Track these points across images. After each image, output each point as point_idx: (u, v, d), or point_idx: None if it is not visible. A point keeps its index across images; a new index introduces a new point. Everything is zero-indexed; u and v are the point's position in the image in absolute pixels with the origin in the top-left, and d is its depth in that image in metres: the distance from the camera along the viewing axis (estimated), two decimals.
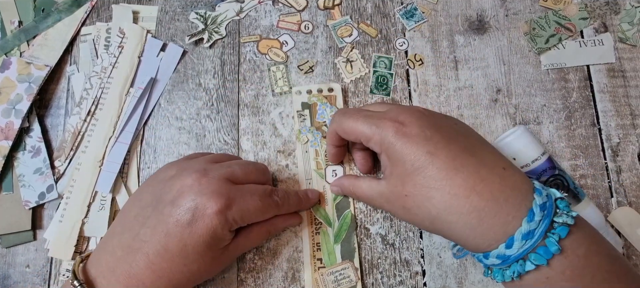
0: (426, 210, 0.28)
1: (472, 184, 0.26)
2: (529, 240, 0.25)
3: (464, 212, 0.26)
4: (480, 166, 0.27)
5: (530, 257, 0.25)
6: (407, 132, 0.28)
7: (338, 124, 0.33)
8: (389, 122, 0.29)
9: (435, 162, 0.27)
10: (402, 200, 0.29)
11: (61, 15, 0.43)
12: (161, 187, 0.31)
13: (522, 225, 0.25)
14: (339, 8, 0.44)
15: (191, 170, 0.31)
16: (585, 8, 0.43)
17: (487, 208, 0.26)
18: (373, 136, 0.30)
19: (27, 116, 0.40)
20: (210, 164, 0.32)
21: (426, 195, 0.27)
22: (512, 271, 0.26)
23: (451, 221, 0.27)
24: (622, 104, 0.40)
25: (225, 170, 0.31)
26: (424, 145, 0.28)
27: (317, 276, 0.36)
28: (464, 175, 0.27)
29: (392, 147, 0.29)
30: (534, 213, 0.25)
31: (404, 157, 0.28)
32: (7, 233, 0.38)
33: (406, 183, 0.28)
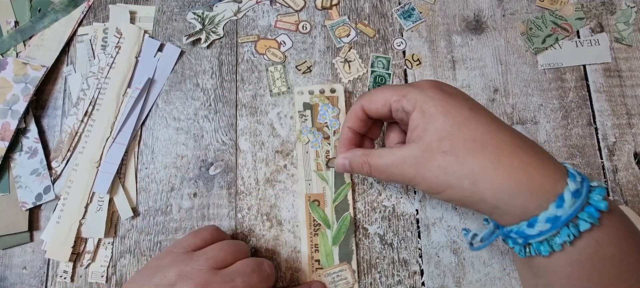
0: (469, 167, 0.26)
1: (517, 142, 0.26)
2: (578, 199, 0.24)
3: (513, 168, 0.25)
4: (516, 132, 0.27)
5: (581, 217, 0.24)
6: (445, 89, 0.28)
7: (366, 98, 0.31)
8: (425, 82, 0.29)
9: (478, 118, 0.26)
10: (438, 158, 0.26)
11: (58, 16, 0.43)
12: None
13: (568, 183, 0.24)
14: (336, 8, 0.44)
15: (192, 283, 0.28)
16: (582, 8, 0.43)
17: (535, 163, 0.25)
18: (407, 94, 0.28)
19: (24, 117, 0.40)
20: (212, 275, 0.29)
21: (471, 148, 0.26)
22: (566, 235, 0.24)
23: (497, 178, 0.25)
24: (618, 103, 0.40)
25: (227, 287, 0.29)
26: (466, 102, 0.27)
27: (315, 277, 0.36)
28: (508, 133, 0.26)
29: (430, 101, 0.27)
30: (575, 174, 0.25)
31: (446, 110, 0.27)
32: (4, 235, 0.38)
33: (445, 139, 0.26)
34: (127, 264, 0.38)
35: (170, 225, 0.38)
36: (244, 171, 0.39)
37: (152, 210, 0.39)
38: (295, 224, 0.38)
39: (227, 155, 0.40)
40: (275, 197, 0.39)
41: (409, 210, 0.38)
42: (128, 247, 0.38)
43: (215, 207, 0.39)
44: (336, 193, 0.38)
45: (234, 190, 0.39)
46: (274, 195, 0.39)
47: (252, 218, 0.38)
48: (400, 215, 0.38)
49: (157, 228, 0.38)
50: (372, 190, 0.39)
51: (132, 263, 0.38)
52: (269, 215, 0.38)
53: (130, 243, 0.38)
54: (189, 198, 0.39)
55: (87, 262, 0.37)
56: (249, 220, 0.38)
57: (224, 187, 0.39)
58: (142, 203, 0.39)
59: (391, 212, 0.38)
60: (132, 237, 0.38)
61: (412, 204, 0.38)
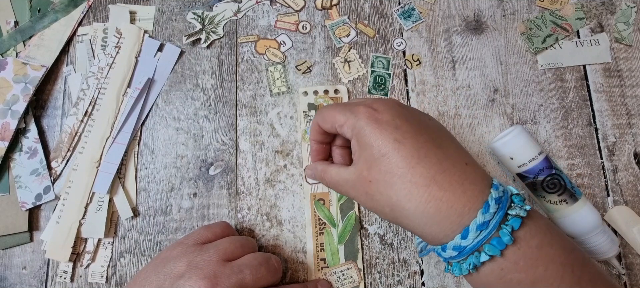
0: (387, 196, 0.28)
1: (433, 174, 0.27)
2: (484, 231, 0.25)
3: (423, 201, 0.27)
4: (443, 158, 0.28)
5: (484, 248, 0.25)
6: (378, 118, 0.29)
7: (319, 115, 0.33)
8: (363, 107, 0.30)
9: (400, 150, 0.27)
10: (366, 185, 0.29)
11: (57, 16, 0.43)
12: (168, 286, 0.29)
13: (477, 216, 0.25)
14: (336, 8, 0.44)
15: (201, 273, 0.29)
16: (582, 8, 0.43)
17: (445, 198, 0.26)
18: (346, 121, 0.30)
19: (24, 117, 0.40)
20: (221, 266, 0.30)
21: (389, 181, 0.28)
22: (469, 263, 0.26)
23: (410, 209, 0.27)
24: (618, 103, 0.40)
25: (235, 279, 0.29)
26: (392, 133, 0.28)
27: (320, 276, 0.36)
28: (426, 165, 0.27)
29: (362, 130, 0.29)
30: (490, 205, 0.26)
31: (372, 142, 0.28)
32: (4, 235, 0.38)
33: (372, 168, 0.28)
34: (127, 264, 0.38)
35: (170, 225, 0.38)
36: (244, 171, 0.39)
37: (152, 210, 0.39)
38: (296, 224, 0.38)
39: (227, 155, 0.40)
40: (275, 197, 0.39)
41: None
42: (128, 247, 0.38)
43: (215, 207, 0.39)
44: None
45: (234, 190, 0.39)
46: (274, 195, 0.39)
47: (252, 218, 0.38)
48: None
49: (157, 228, 0.38)
50: None
51: (132, 263, 0.38)
52: (269, 215, 0.38)
53: (130, 243, 0.38)
54: (189, 198, 0.39)
55: (87, 262, 0.37)
56: (249, 220, 0.38)
57: (224, 187, 0.39)
58: (142, 203, 0.39)
59: None
60: (132, 237, 0.38)
61: None
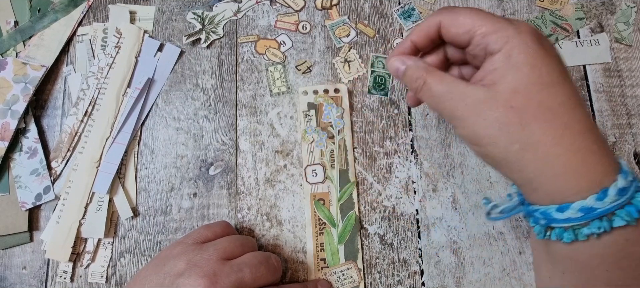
0: (528, 131, 0.24)
1: (590, 124, 0.25)
2: (621, 197, 0.23)
3: (573, 148, 0.24)
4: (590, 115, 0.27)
5: (619, 213, 0.23)
6: (544, 43, 0.25)
7: (449, 14, 0.27)
8: (525, 24, 0.25)
9: (565, 86, 0.24)
10: (500, 110, 0.24)
11: (57, 16, 0.43)
12: (168, 284, 0.29)
13: (617, 179, 0.23)
14: (336, 8, 0.44)
15: (201, 272, 0.29)
16: (582, 8, 0.43)
17: (595, 152, 0.24)
18: (501, 29, 0.25)
19: (24, 117, 0.40)
20: (220, 264, 0.30)
21: (539, 115, 0.24)
22: (596, 227, 0.23)
23: (553, 153, 0.24)
24: (618, 103, 0.40)
25: (235, 277, 0.29)
26: (558, 65, 0.25)
27: (320, 276, 0.36)
28: (585, 113, 0.25)
29: (525, 46, 0.24)
30: (627, 172, 0.24)
31: (537, 64, 0.24)
32: (4, 235, 0.38)
33: (521, 93, 0.24)
34: (127, 264, 0.38)
35: (170, 225, 0.38)
36: (244, 171, 0.39)
37: (152, 210, 0.39)
38: (295, 224, 0.38)
39: (227, 155, 0.40)
40: (275, 197, 0.39)
41: (409, 210, 0.38)
42: (128, 247, 0.38)
43: (215, 207, 0.39)
44: (341, 192, 0.38)
45: (234, 190, 0.39)
46: (274, 195, 0.39)
47: (252, 218, 0.38)
48: (400, 215, 0.38)
49: (157, 228, 0.38)
50: (372, 190, 0.39)
51: (132, 263, 0.38)
52: (269, 215, 0.38)
53: (130, 243, 0.38)
54: (189, 198, 0.39)
55: (86, 262, 0.37)
56: (249, 220, 0.38)
57: (224, 187, 0.39)
58: (142, 203, 0.39)
59: (391, 212, 0.38)
60: (132, 237, 0.38)
61: (412, 204, 0.38)
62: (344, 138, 0.39)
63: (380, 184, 0.39)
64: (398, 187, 0.39)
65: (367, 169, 0.39)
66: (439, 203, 0.38)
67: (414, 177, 0.39)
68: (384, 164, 0.39)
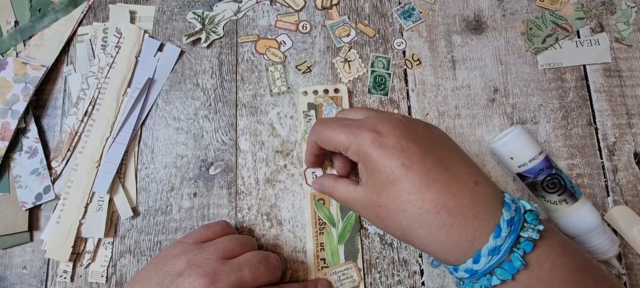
0: (398, 221, 0.28)
1: (443, 200, 0.27)
2: (495, 256, 0.25)
3: (434, 227, 0.27)
4: (453, 181, 0.27)
5: (496, 272, 0.26)
6: (383, 142, 0.29)
7: (317, 134, 0.33)
8: (367, 131, 0.29)
9: (408, 175, 0.27)
10: (376, 209, 0.29)
11: (58, 15, 0.43)
12: (167, 284, 0.29)
13: (489, 241, 0.26)
14: (336, 8, 0.44)
15: (200, 271, 0.29)
16: (582, 8, 0.43)
17: (456, 224, 0.26)
18: (350, 146, 0.30)
19: (24, 117, 0.40)
20: (220, 264, 0.30)
21: (399, 207, 0.28)
22: (480, 285, 0.26)
23: (421, 235, 0.27)
24: (618, 103, 0.40)
25: (234, 276, 0.29)
26: (399, 157, 0.28)
27: (320, 276, 0.36)
28: (436, 190, 0.27)
29: (368, 157, 0.29)
30: (501, 229, 0.26)
31: (379, 168, 0.28)
32: (4, 235, 0.38)
33: (381, 193, 0.29)
34: (127, 264, 0.38)
35: (170, 225, 0.38)
36: (244, 171, 0.39)
37: (152, 210, 0.39)
38: (295, 224, 0.38)
39: (227, 155, 0.40)
40: (275, 197, 0.39)
41: None
42: (128, 247, 0.38)
43: (215, 207, 0.39)
44: None
45: (234, 190, 0.39)
46: (274, 195, 0.39)
47: (252, 218, 0.38)
48: None
49: (157, 228, 0.38)
50: None
51: (132, 263, 0.38)
52: (269, 215, 0.38)
53: (130, 243, 0.38)
54: (189, 198, 0.39)
55: (87, 261, 0.37)
56: (249, 220, 0.38)
57: (224, 187, 0.39)
58: (142, 203, 0.39)
59: None
60: (132, 237, 0.38)
61: None
62: None
63: None
64: None
65: None
66: None
67: None
68: None
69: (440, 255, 0.28)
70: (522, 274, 0.25)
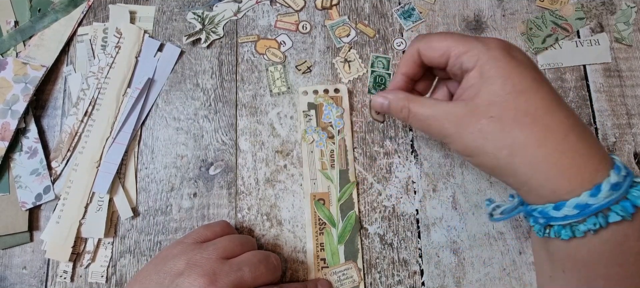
0: (512, 137, 0.25)
1: (572, 124, 0.25)
2: (616, 192, 0.24)
3: (558, 149, 0.25)
4: (574, 114, 0.26)
5: (614, 209, 0.24)
6: (514, 54, 0.27)
7: (425, 41, 0.30)
8: (495, 40, 0.27)
9: (540, 90, 0.26)
10: (482, 122, 0.26)
11: (58, 15, 0.43)
12: (167, 283, 0.29)
13: (610, 175, 0.24)
14: (336, 8, 0.44)
15: (200, 271, 0.29)
16: (582, 8, 0.43)
17: (583, 151, 0.25)
18: (471, 49, 0.27)
19: (24, 117, 0.40)
20: (220, 264, 0.30)
21: (520, 121, 0.25)
22: (592, 223, 0.24)
23: (539, 155, 0.25)
24: (618, 103, 0.40)
25: (234, 276, 0.29)
26: (532, 71, 0.26)
27: (320, 276, 0.36)
28: (565, 113, 0.26)
29: (493, 62, 0.26)
30: (620, 167, 0.25)
31: (507, 76, 0.26)
32: (4, 235, 0.38)
33: (497, 105, 0.26)
34: (127, 264, 0.38)
35: (170, 225, 0.38)
36: (244, 171, 0.39)
37: (152, 210, 0.39)
38: (296, 224, 0.38)
39: (227, 155, 0.40)
40: (275, 197, 0.39)
41: (409, 210, 0.38)
42: (128, 247, 0.38)
43: (215, 207, 0.39)
44: (341, 191, 0.38)
45: (234, 190, 0.39)
46: (274, 195, 0.39)
47: (252, 218, 0.38)
48: (400, 215, 0.38)
49: (157, 228, 0.38)
50: (372, 190, 0.39)
51: (132, 263, 0.38)
52: (269, 215, 0.38)
53: (130, 243, 0.38)
54: (189, 198, 0.39)
55: (87, 262, 0.37)
56: (249, 220, 0.38)
57: (224, 187, 0.39)
58: (142, 203, 0.39)
59: (391, 212, 0.38)
60: (132, 237, 0.38)
61: (412, 204, 0.38)
62: (344, 138, 0.39)
63: (380, 184, 0.39)
64: (398, 187, 0.39)
65: (367, 169, 0.39)
66: (439, 203, 0.38)
67: (414, 177, 0.39)
68: (384, 164, 0.39)
69: (550, 186, 0.25)
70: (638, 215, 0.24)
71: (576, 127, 0.25)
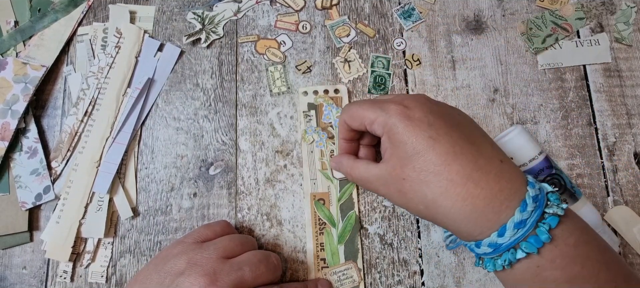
0: (422, 194, 0.28)
1: (469, 172, 0.27)
2: (521, 229, 0.25)
3: (459, 199, 0.27)
4: (478, 155, 0.28)
5: (521, 246, 0.26)
6: (410, 115, 0.29)
7: (346, 112, 0.33)
8: (394, 105, 0.30)
9: (435, 147, 0.27)
10: (399, 183, 0.29)
11: (57, 15, 0.43)
12: (168, 283, 0.29)
13: (515, 214, 0.26)
14: (336, 8, 0.44)
15: (201, 270, 0.29)
16: (582, 8, 0.43)
17: (482, 196, 0.26)
18: (377, 118, 0.30)
19: (24, 117, 0.40)
20: (220, 263, 0.30)
21: (424, 179, 0.28)
22: (504, 259, 0.26)
23: (446, 207, 0.27)
24: (618, 103, 0.40)
25: (235, 276, 0.29)
26: (426, 130, 0.28)
27: (320, 276, 0.36)
28: (462, 162, 0.27)
29: (394, 128, 0.29)
30: (527, 203, 0.26)
31: (406, 140, 0.28)
32: (4, 235, 0.38)
33: (405, 166, 0.28)
34: (127, 264, 0.38)
35: (170, 225, 0.38)
36: (244, 171, 0.39)
37: (152, 210, 0.39)
38: (296, 224, 0.38)
39: (227, 155, 0.40)
40: (275, 197, 0.39)
41: None
42: (128, 247, 0.38)
43: (215, 207, 0.39)
44: (341, 191, 0.38)
45: (234, 190, 0.39)
46: (274, 195, 0.39)
47: (252, 218, 0.38)
48: (400, 215, 0.38)
49: (157, 228, 0.38)
50: None
51: (132, 263, 0.38)
52: (269, 215, 0.38)
53: (130, 243, 0.38)
54: (189, 198, 0.39)
55: (87, 262, 0.37)
56: (249, 220, 0.38)
57: (224, 187, 0.39)
58: (142, 203, 0.39)
59: (391, 212, 0.38)
60: (132, 237, 0.38)
61: None
62: None
63: None
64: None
65: None
66: None
67: None
68: None
69: (463, 229, 0.27)
70: (547, 248, 0.25)
71: (475, 172, 0.27)
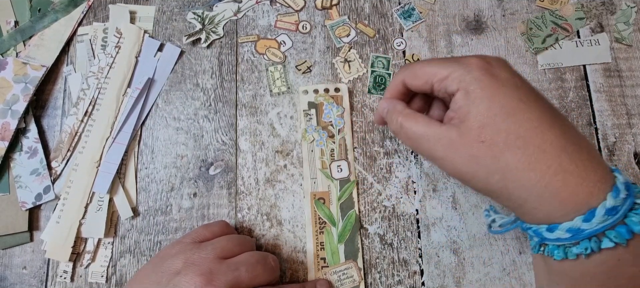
0: (503, 162, 0.24)
1: (563, 144, 0.24)
2: (611, 217, 0.23)
3: (550, 172, 0.24)
4: (568, 130, 0.25)
5: (608, 234, 0.23)
6: (495, 73, 0.26)
7: (407, 69, 0.30)
8: (475, 59, 0.26)
9: (526, 111, 0.24)
10: (474, 146, 0.25)
11: (58, 15, 0.43)
12: (165, 282, 0.29)
13: (606, 199, 0.23)
14: (336, 8, 0.44)
15: (197, 270, 0.29)
16: (582, 8, 0.43)
17: (576, 173, 0.23)
18: (452, 72, 0.26)
19: (24, 117, 0.40)
20: (217, 263, 0.30)
21: (510, 143, 0.24)
22: (584, 247, 0.23)
23: (530, 179, 0.24)
24: (619, 103, 0.40)
25: (231, 276, 0.29)
26: (515, 91, 0.25)
27: (320, 275, 0.36)
28: (557, 132, 0.24)
29: (477, 83, 0.25)
30: (619, 189, 0.23)
31: (493, 96, 0.25)
32: (4, 235, 0.38)
33: (486, 126, 0.25)
34: (127, 264, 0.38)
35: (170, 225, 0.38)
36: (244, 171, 0.39)
37: (152, 210, 0.39)
38: (295, 224, 0.38)
39: (227, 155, 0.40)
40: (275, 197, 0.39)
41: (409, 210, 0.38)
42: (128, 247, 0.38)
43: (215, 207, 0.39)
44: (341, 191, 0.38)
45: (234, 190, 0.39)
46: (274, 195, 0.39)
47: (252, 218, 0.38)
48: (400, 215, 0.38)
49: (157, 228, 0.38)
50: (372, 190, 0.39)
51: (132, 263, 0.38)
52: (269, 215, 0.38)
53: (130, 243, 0.38)
54: (189, 198, 0.39)
55: (87, 262, 0.37)
56: (249, 220, 0.38)
57: (224, 187, 0.39)
58: (142, 203, 0.39)
59: (391, 212, 0.38)
60: (132, 237, 0.38)
61: (412, 204, 0.38)
62: (344, 137, 0.39)
63: (380, 184, 0.39)
64: (398, 187, 0.39)
65: (367, 169, 0.39)
66: (439, 203, 0.38)
67: (414, 177, 0.39)
68: (384, 164, 0.39)
69: (543, 208, 0.24)
70: (636, 240, 0.23)
71: (570, 146, 0.24)
